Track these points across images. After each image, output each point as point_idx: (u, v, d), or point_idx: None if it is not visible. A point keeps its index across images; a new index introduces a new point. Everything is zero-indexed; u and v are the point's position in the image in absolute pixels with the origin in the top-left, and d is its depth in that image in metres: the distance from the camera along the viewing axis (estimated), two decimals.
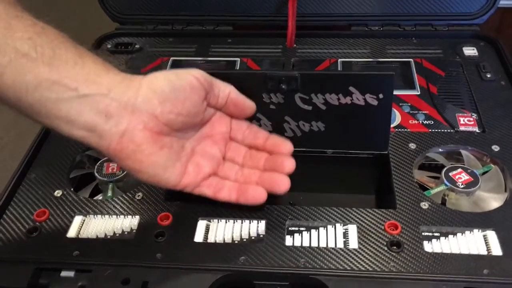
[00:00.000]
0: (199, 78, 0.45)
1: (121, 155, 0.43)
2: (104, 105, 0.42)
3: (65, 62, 0.41)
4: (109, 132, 0.42)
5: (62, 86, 0.40)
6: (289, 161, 0.49)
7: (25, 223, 0.51)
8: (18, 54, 0.39)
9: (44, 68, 0.39)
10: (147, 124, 0.43)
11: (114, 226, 0.50)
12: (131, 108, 0.42)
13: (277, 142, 0.51)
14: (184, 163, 0.47)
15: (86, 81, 0.41)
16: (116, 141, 0.42)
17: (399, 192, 0.52)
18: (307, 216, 0.50)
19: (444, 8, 0.74)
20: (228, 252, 0.47)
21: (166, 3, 0.77)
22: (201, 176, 0.48)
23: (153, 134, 0.44)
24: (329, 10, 0.76)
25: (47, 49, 0.40)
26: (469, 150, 0.56)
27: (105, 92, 0.42)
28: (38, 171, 0.56)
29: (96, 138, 0.42)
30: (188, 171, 0.47)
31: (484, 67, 0.67)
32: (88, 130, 0.42)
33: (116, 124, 0.42)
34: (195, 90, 0.45)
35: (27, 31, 0.40)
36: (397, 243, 0.47)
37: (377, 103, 0.51)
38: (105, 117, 0.42)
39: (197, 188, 0.48)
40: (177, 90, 0.44)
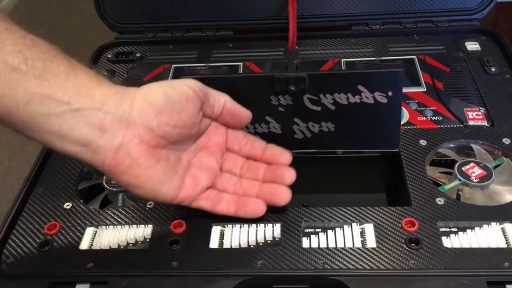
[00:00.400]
0: (194, 89, 0.44)
1: (116, 170, 0.42)
2: (98, 119, 0.40)
3: (56, 75, 0.39)
4: (104, 147, 0.41)
5: (54, 100, 0.39)
6: (290, 172, 0.48)
7: (36, 237, 0.50)
8: (8, 68, 0.38)
9: (35, 81, 0.38)
10: (143, 138, 0.42)
11: (127, 236, 0.49)
12: (126, 122, 0.41)
13: (275, 153, 0.50)
14: (181, 176, 0.46)
15: (79, 94, 0.40)
16: (111, 156, 0.41)
17: (413, 189, 0.51)
18: (322, 217, 0.50)
19: (443, 4, 0.74)
20: (245, 257, 0.46)
21: (165, 10, 0.77)
22: (199, 189, 0.47)
23: (149, 148, 0.43)
24: (329, 10, 0.76)
25: (38, 62, 0.39)
26: (480, 144, 0.56)
27: (98, 106, 0.40)
28: (46, 185, 0.56)
29: (90, 153, 0.41)
30: (186, 184, 0.46)
31: (488, 61, 0.67)
32: (82, 145, 0.41)
33: (111, 139, 0.41)
34: (190, 101, 0.44)
35: (17, 44, 0.39)
36: (416, 240, 0.46)
37: (386, 100, 0.51)
38: (100, 131, 0.40)
39: (194, 202, 0.47)
40: (173, 102, 0.43)
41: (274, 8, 0.76)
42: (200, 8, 0.77)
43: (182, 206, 0.47)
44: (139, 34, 0.78)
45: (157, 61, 0.74)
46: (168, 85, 0.44)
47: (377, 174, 0.59)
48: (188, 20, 0.77)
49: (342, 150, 0.56)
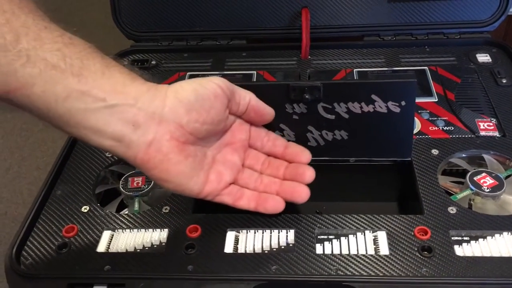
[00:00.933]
0: (221, 86, 0.46)
1: (148, 165, 0.44)
2: (132, 115, 0.42)
3: (93, 72, 0.41)
4: (137, 142, 0.43)
5: (90, 97, 0.41)
6: (310, 171, 0.50)
7: (54, 240, 0.51)
8: (48, 66, 0.39)
9: (73, 79, 0.40)
10: (174, 134, 0.44)
11: (144, 240, 0.50)
12: (158, 118, 0.43)
13: (296, 151, 0.52)
14: (207, 171, 0.48)
15: (114, 91, 0.42)
16: (143, 151, 0.43)
17: (426, 198, 0.52)
18: (335, 224, 0.50)
19: (455, 16, 0.75)
20: (260, 262, 0.47)
21: (180, 19, 0.78)
22: (222, 184, 0.49)
23: (179, 144, 0.44)
24: (341, 21, 0.77)
25: (76, 60, 0.41)
26: (491, 155, 0.57)
27: (132, 102, 0.42)
28: (64, 188, 0.57)
29: (123, 148, 0.43)
30: (210, 180, 0.48)
31: (499, 72, 0.68)
32: (116, 140, 0.42)
33: (144, 134, 0.43)
34: (218, 98, 0.46)
35: (56, 42, 0.40)
36: (428, 248, 0.47)
37: (399, 110, 0.52)
38: (133, 127, 0.42)
39: (218, 197, 0.48)
40: (202, 99, 0.45)
41: (287, 19, 0.77)
42: (215, 17, 0.78)
43: (196, 207, 0.48)
44: (154, 42, 0.80)
45: (172, 69, 0.75)
46: (197, 83, 0.46)
47: (389, 182, 0.59)
48: (203, 29, 0.79)
49: (355, 158, 0.57)
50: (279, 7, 0.77)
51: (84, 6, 1.69)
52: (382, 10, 0.76)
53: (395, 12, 0.76)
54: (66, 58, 0.40)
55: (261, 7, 0.77)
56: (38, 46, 0.39)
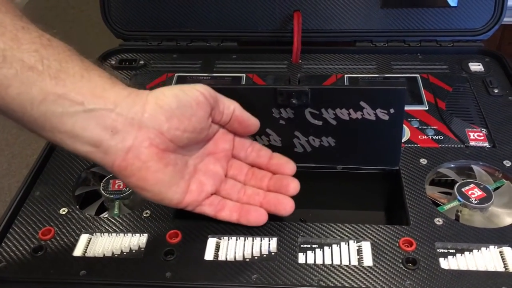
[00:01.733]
0: (204, 94, 0.45)
1: (125, 172, 0.42)
2: (110, 120, 0.41)
3: (71, 75, 0.40)
4: (115, 148, 0.41)
5: (68, 100, 0.39)
6: (294, 183, 0.49)
7: (30, 242, 0.49)
8: (24, 67, 0.38)
9: (51, 81, 0.39)
10: (153, 141, 0.42)
11: (122, 244, 0.49)
12: (137, 124, 0.42)
13: (281, 162, 0.51)
14: (187, 181, 0.46)
15: (92, 95, 0.40)
16: (121, 157, 0.42)
17: (412, 208, 0.51)
18: (319, 233, 0.49)
19: (448, 24, 0.74)
20: (240, 271, 0.46)
21: (171, 19, 0.77)
22: (204, 194, 0.47)
23: (159, 151, 0.43)
24: (333, 26, 0.76)
25: (54, 62, 0.39)
26: (480, 166, 0.56)
27: (111, 107, 0.41)
28: (43, 189, 0.55)
29: (101, 153, 0.41)
30: (191, 189, 0.46)
31: (491, 82, 0.67)
32: (93, 145, 0.41)
33: (122, 140, 0.41)
34: (201, 105, 0.45)
35: (34, 43, 0.39)
36: (413, 260, 0.46)
37: (388, 118, 0.51)
38: (111, 132, 0.41)
39: (198, 207, 0.47)
40: (184, 106, 0.43)
41: (279, 22, 0.76)
42: (206, 18, 0.77)
43: (181, 216, 0.47)
44: (143, 42, 0.78)
45: (161, 69, 0.74)
46: (180, 89, 0.44)
47: (376, 191, 0.58)
48: (193, 29, 0.78)
49: (342, 165, 0.56)
50: (271, 10, 0.76)
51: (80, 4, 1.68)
52: (375, 16, 0.75)
53: (388, 18, 0.75)
54: (44, 60, 0.39)
55: (253, 9, 0.76)
56: (15, 47, 0.38)
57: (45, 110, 0.39)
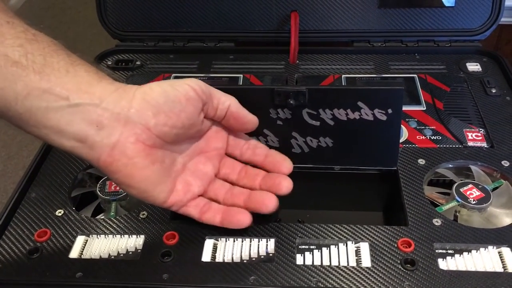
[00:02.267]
0: (195, 89, 0.44)
1: (111, 168, 0.42)
2: (96, 115, 0.40)
3: (57, 70, 0.39)
4: (100, 143, 0.41)
5: (53, 95, 0.39)
6: (287, 181, 0.47)
7: (26, 244, 0.49)
8: (8, 62, 0.38)
9: (35, 76, 0.38)
10: (140, 137, 0.42)
11: (119, 246, 0.48)
12: (123, 119, 0.41)
13: (277, 160, 0.49)
14: (174, 179, 0.45)
15: (78, 90, 0.40)
16: (107, 153, 0.41)
17: (410, 209, 0.51)
18: (317, 234, 0.49)
19: (446, 24, 0.74)
20: (238, 272, 0.46)
21: (167, 19, 0.77)
22: (190, 195, 0.46)
23: (145, 147, 0.42)
24: (331, 26, 0.76)
25: (38, 57, 0.39)
26: (478, 166, 0.56)
27: (97, 102, 0.40)
28: (39, 190, 0.55)
29: (86, 149, 0.41)
30: (177, 189, 0.45)
31: (489, 82, 0.67)
32: (78, 140, 0.40)
33: (108, 136, 0.41)
34: (191, 101, 0.43)
35: (18, 37, 0.39)
36: (411, 261, 0.46)
37: (386, 118, 0.50)
38: (97, 127, 0.40)
39: (183, 208, 0.46)
40: (172, 102, 0.42)
41: (276, 22, 0.76)
42: (203, 19, 0.77)
43: (174, 213, 0.46)
44: (140, 42, 0.78)
45: (157, 70, 0.73)
46: (169, 84, 0.43)
47: (374, 192, 0.58)
48: (190, 30, 0.77)
49: (340, 166, 0.56)
50: (268, 10, 0.76)
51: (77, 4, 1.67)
52: (372, 16, 0.75)
53: (385, 18, 0.75)
54: (28, 55, 0.38)
55: (250, 10, 0.76)
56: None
57: (29, 105, 0.38)
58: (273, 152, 0.50)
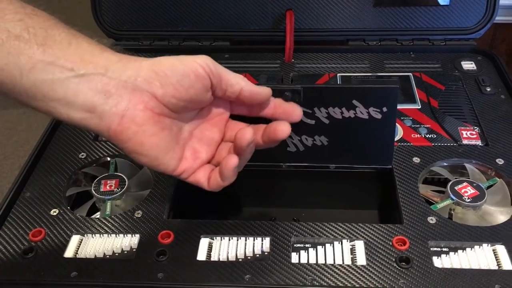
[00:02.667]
0: (204, 67, 0.42)
1: (122, 137, 0.41)
2: (102, 84, 0.40)
3: (59, 42, 0.39)
4: (109, 112, 0.40)
5: (57, 67, 0.39)
6: (282, 125, 0.45)
7: (20, 244, 0.49)
8: (10, 36, 0.37)
9: (38, 49, 0.38)
10: (148, 104, 0.41)
11: (114, 245, 0.48)
12: (131, 88, 0.40)
13: (285, 109, 0.47)
14: (182, 146, 0.45)
15: (82, 60, 0.40)
16: (117, 122, 0.41)
17: (405, 207, 0.51)
18: (312, 232, 0.49)
19: (441, 22, 0.74)
20: (233, 271, 0.46)
21: (163, 18, 0.77)
22: (199, 162, 0.45)
23: (154, 115, 0.42)
24: (326, 25, 0.76)
25: (40, 30, 0.39)
26: (473, 164, 0.56)
27: (102, 71, 0.40)
28: (33, 190, 0.55)
29: (96, 119, 0.40)
30: (186, 156, 0.45)
31: (484, 80, 0.67)
32: (87, 111, 0.40)
33: (116, 104, 0.40)
34: (199, 78, 0.42)
35: (17, 12, 0.39)
36: (406, 259, 0.46)
37: (381, 116, 0.50)
38: (104, 96, 0.40)
39: (193, 175, 0.45)
40: (181, 75, 0.41)
41: (271, 21, 0.76)
42: (198, 18, 0.77)
43: (176, 211, 0.46)
44: (135, 42, 0.78)
45: None
46: (178, 59, 0.43)
47: (369, 190, 0.58)
48: (185, 29, 0.77)
49: (335, 164, 0.56)
50: (263, 9, 0.76)
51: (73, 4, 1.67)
52: (367, 15, 0.75)
53: (380, 17, 0.75)
54: (29, 28, 0.38)
55: (246, 9, 0.76)
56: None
57: (34, 78, 0.38)
58: (279, 101, 0.48)
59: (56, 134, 0.62)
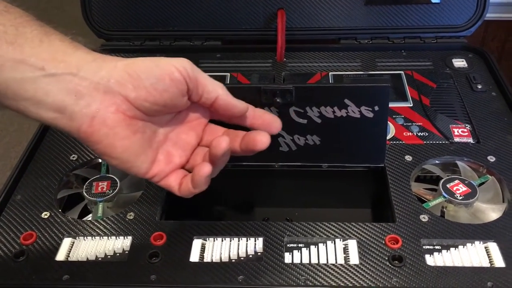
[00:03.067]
0: (181, 71, 0.41)
1: (92, 138, 0.40)
2: (74, 85, 0.39)
3: (30, 40, 0.38)
4: (80, 114, 0.39)
5: (27, 66, 0.38)
6: (261, 136, 0.43)
7: (11, 247, 0.48)
8: None
9: (8, 47, 0.37)
10: (120, 107, 0.40)
11: (106, 248, 0.48)
12: (103, 89, 0.40)
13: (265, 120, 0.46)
14: (155, 150, 0.44)
15: (53, 59, 0.39)
16: (87, 123, 0.40)
17: (398, 205, 0.51)
18: (305, 232, 0.49)
19: (432, 20, 0.74)
20: (226, 272, 0.45)
21: (153, 18, 0.76)
22: (171, 166, 0.44)
23: (126, 118, 0.41)
24: (318, 23, 0.76)
25: (10, 27, 0.38)
26: (465, 161, 0.56)
27: (74, 71, 0.39)
28: (24, 192, 0.54)
29: (66, 119, 0.40)
30: (158, 159, 0.44)
31: (475, 78, 0.67)
32: (57, 111, 0.39)
33: (87, 105, 0.39)
34: (175, 82, 0.41)
35: None
36: (399, 257, 0.46)
37: (372, 115, 0.50)
38: (75, 97, 0.39)
39: (164, 179, 0.44)
40: (155, 79, 0.40)
41: (263, 20, 0.76)
42: (189, 17, 0.76)
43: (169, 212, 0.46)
44: (126, 42, 0.77)
45: None
46: (154, 61, 0.41)
47: (362, 189, 0.58)
48: (176, 29, 0.77)
49: (327, 164, 0.56)
50: (255, 8, 0.76)
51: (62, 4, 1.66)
52: (359, 13, 0.75)
53: (372, 15, 0.75)
54: (0, 26, 0.37)
55: (237, 8, 0.76)
56: None
57: (5, 77, 0.38)
58: (260, 112, 0.47)
59: (46, 136, 0.62)
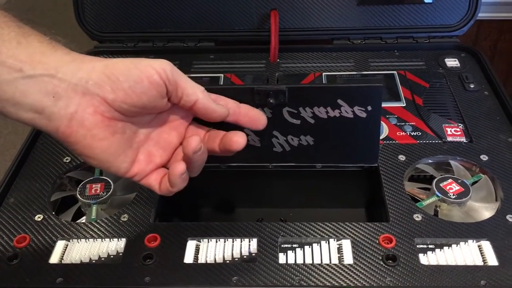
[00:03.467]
0: (160, 73, 0.40)
1: (70, 139, 0.40)
2: (52, 86, 0.39)
3: (7, 41, 0.38)
4: (58, 115, 0.39)
5: (5, 67, 0.38)
6: (239, 136, 0.43)
7: (5, 250, 0.48)
8: None
9: None
10: (98, 108, 0.40)
11: (100, 250, 0.48)
12: (81, 90, 0.39)
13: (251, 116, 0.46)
14: (136, 150, 0.44)
15: (31, 61, 0.39)
16: (65, 124, 0.40)
17: (391, 205, 0.51)
18: (299, 232, 0.49)
19: (424, 20, 0.75)
20: (220, 273, 0.45)
21: (146, 20, 0.76)
22: (152, 165, 0.44)
23: (104, 119, 0.41)
24: (311, 24, 0.76)
25: None
26: (458, 160, 0.56)
27: (52, 73, 0.39)
28: (17, 195, 0.54)
29: (44, 120, 0.40)
30: (139, 159, 0.44)
31: (467, 77, 0.68)
32: (36, 112, 0.39)
33: (65, 107, 0.39)
34: (154, 85, 0.40)
35: None
36: (393, 256, 0.46)
37: (365, 115, 0.51)
38: (53, 98, 0.39)
39: (145, 178, 0.44)
40: (134, 81, 0.40)
41: (256, 21, 0.76)
42: (182, 18, 0.76)
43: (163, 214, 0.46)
44: (119, 43, 0.77)
45: None
46: (133, 63, 0.41)
47: (355, 188, 0.59)
48: (169, 30, 0.77)
49: (321, 164, 0.56)
50: (248, 9, 0.76)
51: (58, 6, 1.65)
52: (351, 14, 0.75)
53: (365, 15, 0.75)
54: None
55: (230, 9, 0.76)
56: None
57: None
58: (246, 108, 0.47)
59: (39, 139, 0.61)
